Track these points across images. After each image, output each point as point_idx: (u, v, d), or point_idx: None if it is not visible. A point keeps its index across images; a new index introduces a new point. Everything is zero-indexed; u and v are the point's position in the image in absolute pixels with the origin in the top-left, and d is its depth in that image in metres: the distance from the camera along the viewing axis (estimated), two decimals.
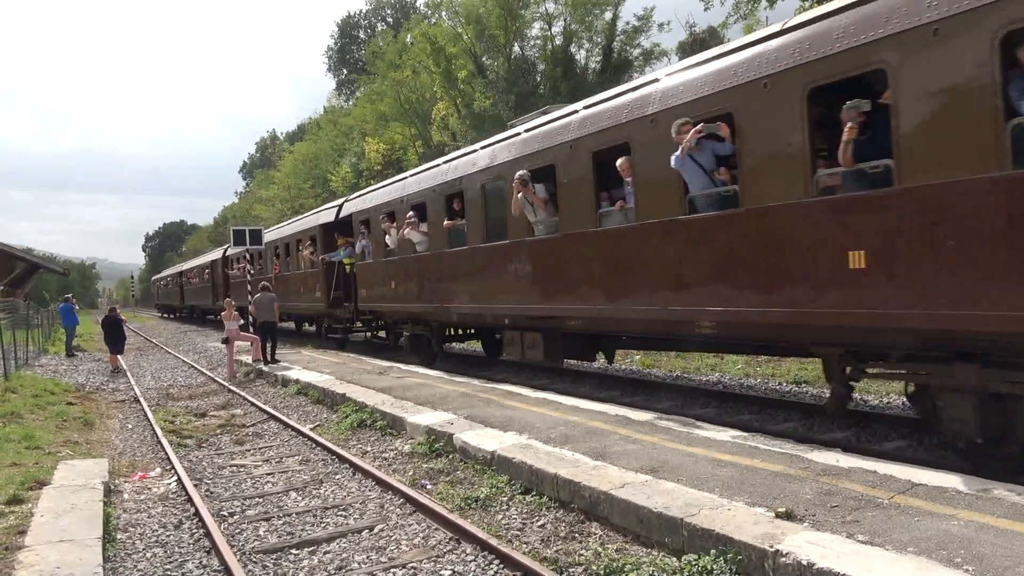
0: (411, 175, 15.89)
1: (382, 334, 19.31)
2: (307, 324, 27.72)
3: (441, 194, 13.63)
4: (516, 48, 37.80)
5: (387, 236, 15.94)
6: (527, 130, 11.43)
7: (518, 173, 10.53)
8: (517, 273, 11.22)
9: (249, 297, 24.46)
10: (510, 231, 11.37)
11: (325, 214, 20.93)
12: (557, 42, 36.75)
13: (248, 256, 28.19)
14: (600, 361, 15.17)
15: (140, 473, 8.47)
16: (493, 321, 12.70)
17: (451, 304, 13.48)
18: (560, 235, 10.26)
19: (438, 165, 14.55)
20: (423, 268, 14.42)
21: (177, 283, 53.17)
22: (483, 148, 12.81)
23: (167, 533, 6.34)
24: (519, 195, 10.49)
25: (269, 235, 25.93)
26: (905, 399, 8.19)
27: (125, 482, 8.06)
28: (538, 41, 38.25)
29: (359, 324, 20.14)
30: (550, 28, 37.15)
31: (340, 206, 19.94)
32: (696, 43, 27.64)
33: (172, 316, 62.74)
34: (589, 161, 9.56)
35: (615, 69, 35.21)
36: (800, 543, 4.26)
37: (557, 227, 10.38)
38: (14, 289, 36.04)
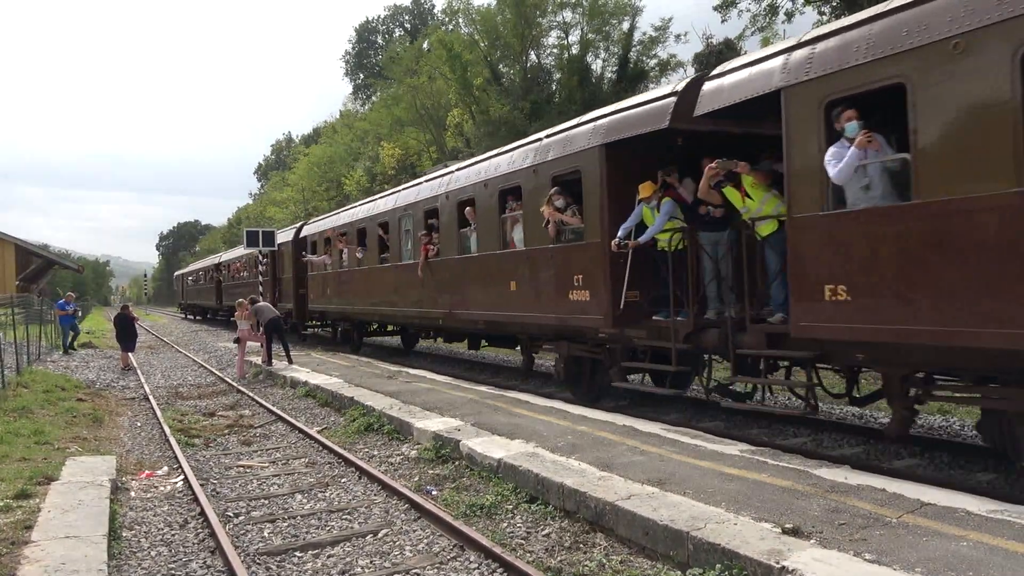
0: None
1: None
2: (456, 342, 17.82)
3: None
4: (532, 56, 37.89)
5: None
6: None
7: None
8: None
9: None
10: None
11: (608, 124, 9.75)
12: (574, 51, 36.80)
13: (345, 234, 20.02)
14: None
15: (147, 471, 8.50)
16: None
17: None
18: None
19: None
20: None
21: (213, 278, 41.56)
22: None
23: (172, 532, 6.36)
24: None
25: (407, 195, 16.24)
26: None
27: (132, 480, 8.09)
28: (554, 50, 38.33)
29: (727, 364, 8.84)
30: (567, 37, 37.23)
31: (681, 91, 8.78)
32: (712, 54, 27.58)
33: (202, 318, 51.31)
34: None
35: (631, 79, 35.21)
36: (807, 560, 4.22)
37: None
38: (29, 284, 36.38)
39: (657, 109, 9.02)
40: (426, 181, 15.94)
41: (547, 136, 11.30)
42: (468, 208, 13.26)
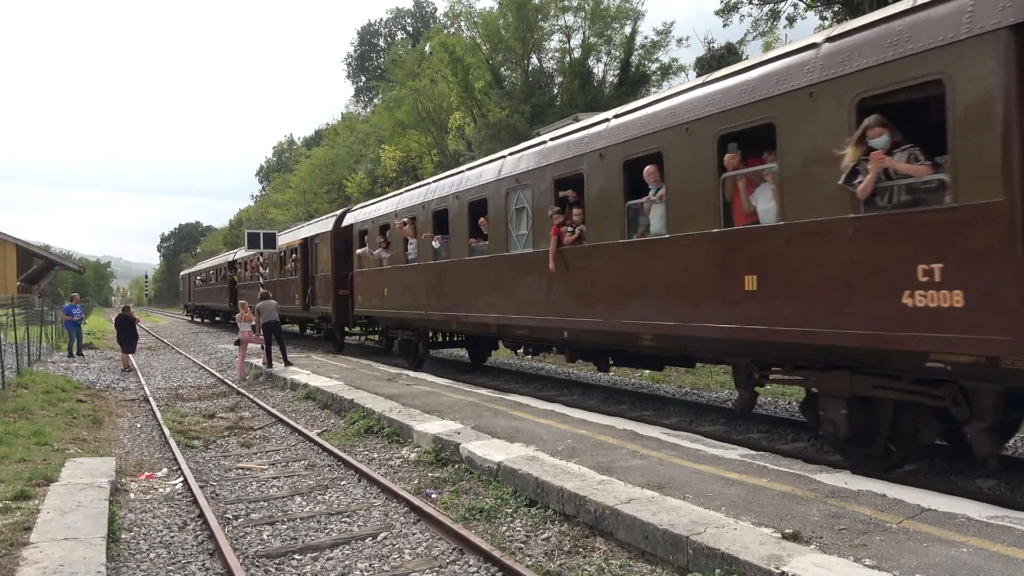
0: None
1: None
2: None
3: None
4: (534, 59, 37.94)
5: None
6: None
7: None
8: None
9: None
10: None
11: None
12: (575, 55, 36.85)
13: (414, 219, 15.67)
14: (610, 374, 15.11)
15: (147, 473, 8.49)
16: None
17: None
18: None
19: None
20: None
21: (226, 277, 37.42)
22: None
23: (171, 534, 6.35)
24: None
25: (522, 160, 11.89)
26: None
27: (131, 481, 8.09)
28: (556, 53, 38.39)
29: None
30: (568, 41, 37.29)
31: None
32: (714, 59, 27.65)
33: (211, 321, 47.35)
34: None
35: (632, 83, 35.25)
36: (807, 566, 4.21)
37: None
38: (30, 285, 36.42)
39: None
40: (553, 140, 11.29)
41: (829, 40, 6.92)
42: (649, 167, 8.95)
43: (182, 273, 71.16)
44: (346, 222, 20.61)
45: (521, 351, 13.89)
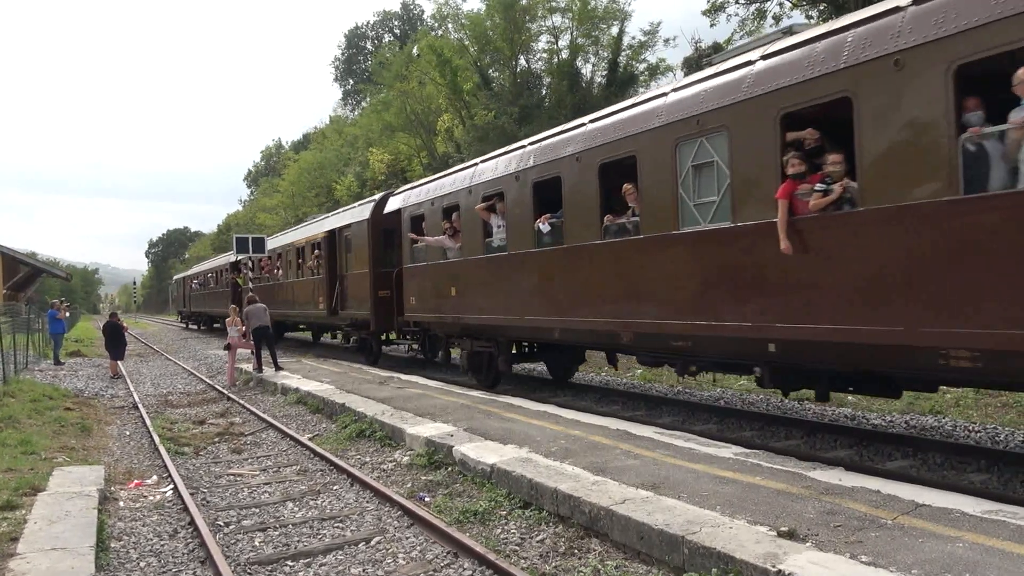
0: None
1: None
2: None
3: None
4: (522, 61, 37.95)
5: None
6: None
7: None
8: None
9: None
10: None
11: None
12: (563, 56, 36.88)
13: (500, 195, 11.90)
14: (602, 374, 15.09)
15: (136, 481, 8.40)
16: None
17: None
18: None
19: None
20: None
21: (228, 281, 34.86)
22: None
23: (162, 542, 6.28)
24: None
25: (704, 92, 8.04)
26: None
27: (121, 490, 8.00)
28: (544, 55, 38.42)
29: None
30: (556, 42, 37.30)
31: None
32: (702, 59, 27.73)
33: (208, 328, 44.90)
34: None
35: (620, 83, 35.28)
36: (803, 563, 4.19)
37: None
38: (17, 293, 36.10)
39: None
40: (768, 57, 7.45)
41: None
42: None
43: (175, 277, 66.47)
44: (390, 207, 16.63)
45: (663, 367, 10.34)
